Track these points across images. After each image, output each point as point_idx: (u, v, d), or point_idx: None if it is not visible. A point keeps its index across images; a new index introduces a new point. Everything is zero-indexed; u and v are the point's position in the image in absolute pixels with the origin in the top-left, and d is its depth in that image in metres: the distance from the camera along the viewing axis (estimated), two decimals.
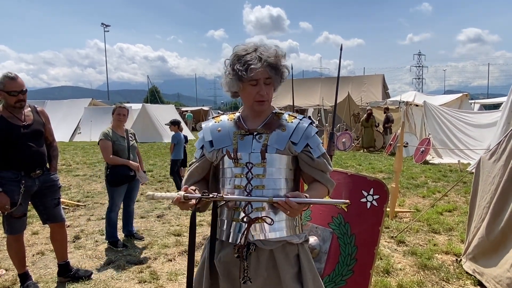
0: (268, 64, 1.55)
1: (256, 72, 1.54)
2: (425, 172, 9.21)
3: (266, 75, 1.57)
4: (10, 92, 3.04)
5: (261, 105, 1.64)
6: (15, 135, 3.09)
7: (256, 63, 1.53)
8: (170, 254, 4.13)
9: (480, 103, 21.47)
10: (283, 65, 1.62)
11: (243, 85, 1.61)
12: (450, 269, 3.64)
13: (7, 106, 3.12)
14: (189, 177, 1.75)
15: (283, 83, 1.70)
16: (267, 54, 1.56)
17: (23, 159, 3.12)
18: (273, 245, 1.62)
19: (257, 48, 1.58)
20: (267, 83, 1.60)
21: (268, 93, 1.62)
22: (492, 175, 3.18)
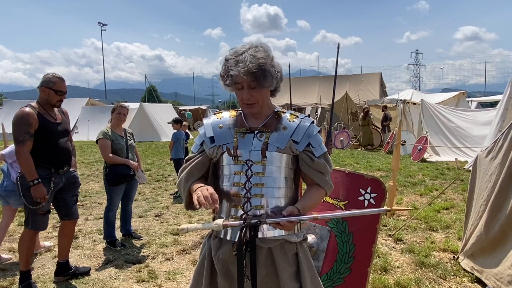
0: (247, 69, 1.51)
1: (236, 77, 1.55)
2: (423, 170, 9.24)
3: (249, 79, 1.54)
4: (57, 91, 3.21)
5: (249, 108, 1.64)
6: (51, 132, 3.21)
7: (235, 68, 1.53)
8: (168, 253, 4.13)
9: (478, 101, 21.53)
10: (267, 69, 1.54)
11: (233, 89, 1.63)
12: (447, 266, 3.66)
13: (44, 103, 3.23)
14: (190, 174, 1.72)
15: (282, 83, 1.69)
16: (250, 59, 1.52)
17: (56, 155, 3.24)
18: (272, 243, 1.62)
19: (245, 52, 1.55)
20: (252, 87, 1.58)
21: (254, 96, 1.60)
22: (489, 172, 3.19)
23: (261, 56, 1.55)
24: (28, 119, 3.07)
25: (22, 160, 3.05)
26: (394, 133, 13.44)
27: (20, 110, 3.13)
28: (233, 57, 1.57)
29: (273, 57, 1.62)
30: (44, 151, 3.16)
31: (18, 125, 3.06)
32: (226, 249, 1.65)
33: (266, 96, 1.66)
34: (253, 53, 1.55)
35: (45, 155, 3.16)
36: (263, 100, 1.65)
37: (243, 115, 1.74)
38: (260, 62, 1.54)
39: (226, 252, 1.65)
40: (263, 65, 1.54)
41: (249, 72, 1.52)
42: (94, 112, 20.22)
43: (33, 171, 3.06)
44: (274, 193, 1.63)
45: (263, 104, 1.67)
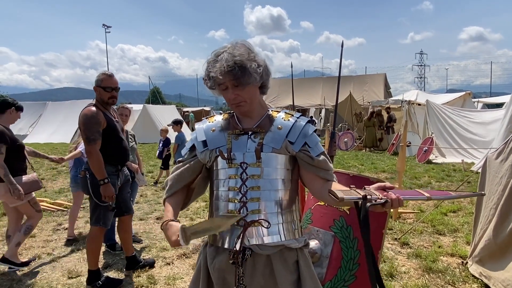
0: (225, 67, 1.45)
1: (216, 79, 1.48)
2: (429, 172, 9.10)
3: (228, 77, 1.47)
4: (106, 88, 3.25)
5: (238, 107, 1.57)
6: (115, 130, 3.30)
7: (213, 70, 1.47)
8: (168, 258, 4.04)
9: (483, 102, 21.28)
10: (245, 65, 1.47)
11: (219, 92, 1.56)
12: (456, 272, 3.54)
13: (100, 102, 3.29)
14: (179, 178, 1.66)
15: (283, 84, 1.61)
16: (227, 57, 1.46)
17: (120, 153, 3.35)
18: (271, 250, 1.53)
19: (224, 51, 1.49)
20: (235, 85, 1.50)
21: (240, 94, 1.52)
22: (500, 175, 3.07)
23: (238, 53, 1.47)
24: (98, 118, 3.13)
25: (94, 159, 3.09)
26: (399, 134, 13.31)
27: (87, 110, 3.16)
28: (212, 58, 1.51)
29: (254, 52, 1.54)
30: (111, 149, 3.22)
31: (89, 124, 3.09)
32: (222, 257, 1.56)
33: (254, 93, 1.57)
34: (231, 51, 1.48)
35: (112, 153, 3.24)
36: (250, 98, 1.56)
37: (236, 116, 1.66)
38: (236, 60, 1.46)
39: (223, 260, 1.56)
40: (239, 62, 1.46)
41: (226, 71, 1.45)
42: None
43: (103, 170, 3.11)
44: (271, 196, 1.54)
45: (252, 102, 1.58)
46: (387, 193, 1.28)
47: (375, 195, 1.27)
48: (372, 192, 1.30)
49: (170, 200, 1.63)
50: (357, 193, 1.29)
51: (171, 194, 1.64)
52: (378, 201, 1.26)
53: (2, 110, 3.68)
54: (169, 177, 1.69)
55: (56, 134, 20.64)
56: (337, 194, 1.27)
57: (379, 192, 1.30)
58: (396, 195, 1.28)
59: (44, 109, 22.60)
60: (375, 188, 1.33)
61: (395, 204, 1.27)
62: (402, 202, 1.28)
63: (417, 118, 13.27)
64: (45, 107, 22.74)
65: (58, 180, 9.01)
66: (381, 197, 1.26)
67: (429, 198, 1.35)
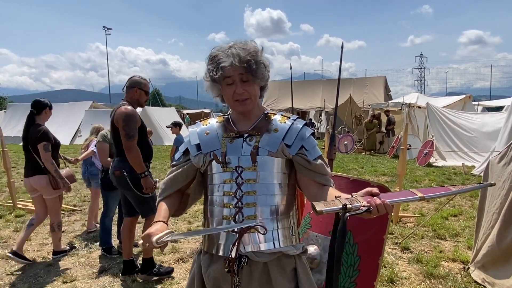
0: (239, 59, 1.42)
1: (226, 70, 1.43)
2: (429, 175, 9.05)
3: (239, 71, 1.44)
4: (147, 92, 3.55)
5: (242, 105, 1.51)
6: (145, 129, 3.53)
7: (226, 60, 1.43)
8: (165, 262, 3.98)
9: (483, 105, 21.23)
10: (259, 60, 1.47)
11: (222, 87, 1.50)
12: (457, 277, 3.47)
13: (134, 103, 3.47)
14: (173, 182, 1.61)
15: (283, 86, 1.56)
16: (239, 51, 1.44)
17: (148, 150, 3.53)
18: (267, 258, 1.47)
19: (232, 46, 1.47)
20: (244, 80, 1.47)
21: (247, 90, 1.48)
22: (502, 179, 3.02)
23: (252, 49, 1.46)
24: (136, 117, 3.32)
25: (134, 154, 3.22)
26: (399, 137, 13.26)
27: (126, 108, 3.31)
28: (220, 51, 1.47)
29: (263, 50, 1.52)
30: (141, 146, 3.34)
31: (130, 122, 3.24)
32: (217, 266, 1.50)
33: (257, 93, 1.54)
34: (243, 46, 1.46)
35: (142, 150, 3.34)
36: (255, 96, 1.53)
37: (231, 119, 1.61)
38: (252, 52, 1.45)
39: (218, 269, 1.50)
40: (253, 56, 1.45)
41: (239, 63, 1.42)
42: (98, 116, 20.17)
43: (142, 164, 3.27)
44: (267, 201, 1.49)
45: (255, 101, 1.54)
46: (371, 199, 1.21)
47: (358, 203, 1.20)
48: (357, 199, 1.23)
49: (162, 203, 1.58)
50: (339, 202, 1.22)
51: (163, 198, 1.59)
52: (361, 209, 1.18)
53: (39, 111, 4.02)
54: (163, 181, 1.64)
55: (56, 136, 20.49)
56: (316, 207, 1.20)
57: (364, 199, 1.22)
58: (381, 200, 1.20)
59: None
60: (362, 194, 1.26)
61: (380, 210, 1.19)
62: (389, 206, 1.20)
63: (417, 121, 13.22)
64: None
65: None
66: (364, 205, 1.19)
67: (422, 198, 1.25)
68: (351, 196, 1.26)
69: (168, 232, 1.35)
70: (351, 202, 1.21)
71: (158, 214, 1.50)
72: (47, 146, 3.85)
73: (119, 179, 3.39)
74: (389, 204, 1.21)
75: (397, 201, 1.27)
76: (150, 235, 1.34)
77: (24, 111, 23.49)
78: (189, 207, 1.70)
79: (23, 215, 5.85)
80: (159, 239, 1.31)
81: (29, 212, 5.99)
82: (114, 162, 3.48)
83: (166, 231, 1.36)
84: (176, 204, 1.62)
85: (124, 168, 3.32)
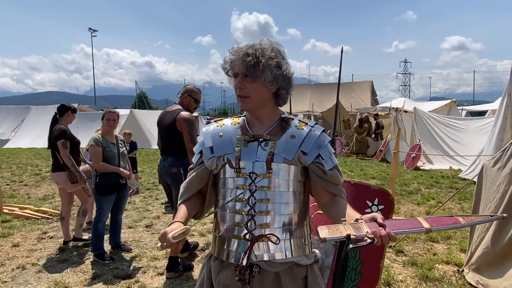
0: (245, 54, 1.41)
1: (234, 64, 1.45)
2: (417, 179, 9.17)
3: (243, 65, 1.42)
4: (197, 101, 3.90)
5: (242, 101, 1.49)
6: None
7: (236, 55, 1.44)
8: (160, 267, 3.91)
9: (467, 109, 21.73)
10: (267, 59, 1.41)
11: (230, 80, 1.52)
12: (452, 280, 3.52)
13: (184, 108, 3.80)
14: (189, 185, 1.58)
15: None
16: (253, 47, 1.43)
17: None
18: (279, 267, 1.44)
19: (253, 45, 1.45)
20: (246, 75, 1.44)
21: (246, 86, 1.45)
22: (497, 183, 3.07)
23: (263, 47, 1.44)
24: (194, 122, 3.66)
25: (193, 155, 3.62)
26: (387, 141, 13.43)
27: (188, 114, 3.66)
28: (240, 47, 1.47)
29: (282, 55, 1.49)
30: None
31: (193, 127, 3.59)
32: (228, 273, 1.47)
33: (261, 93, 1.48)
34: (259, 43, 1.46)
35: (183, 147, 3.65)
36: (257, 96, 1.47)
37: (246, 121, 1.58)
38: (258, 51, 1.42)
39: (228, 276, 1.46)
40: (260, 54, 1.42)
41: (241, 56, 1.42)
42: (83, 119, 19.80)
43: None
44: (281, 209, 1.46)
45: (258, 102, 1.49)
46: (376, 230, 1.19)
47: (362, 232, 1.18)
48: (362, 227, 1.21)
49: (182, 205, 1.55)
50: (344, 229, 1.20)
51: (182, 201, 1.57)
52: (365, 240, 1.17)
53: (62, 113, 4.45)
54: (182, 184, 1.62)
55: (40, 139, 20.13)
56: (320, 234, 1.19)
57: (369, 226, 1.21)
58: (387, 231, 1.18)
59: (27, 113, 22.05)
60: (368, 219, 1.24)
61: (385, 241, 1.18)
62: (393, 238, 1.18)
63: (405, 125, 13.42)
64: (28, 111, 22.19)
65: (42, 186, 8.74)
66: (368, 235, 1.17)
67: (429, 230, 1.22)
68: (356, 221, 1.24)
69: (183, 228, 1.34)
70: (356, 229, 1.20)
71: (176, 216, 1.48)
72: (65, 143, 4.25)
73: (175, 176, 3.63)
74: (394, 236, 1.19)
75: (403, 232, 1.24)
76: (165, 233, 1.32)
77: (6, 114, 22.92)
78: (208, 208, 1.65)
79: (10, 220, 5.68)
80: (175, 234, 1.30)
81: (15, 217, 5.83)
82: (168, 160, 3.70)
83: (182, 227, 1.35)
84: (198, 207, 1.59)
85: (181, 166, 3.60)
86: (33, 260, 4.15)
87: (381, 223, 1.21)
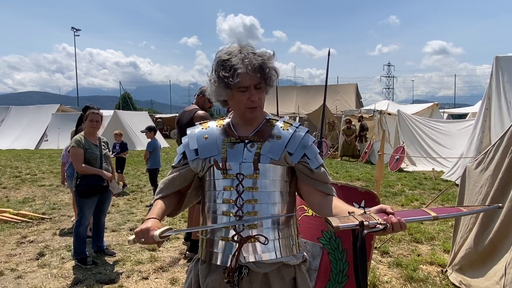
0: (255, 67, 1.39)
1: (243, 77, 1.39)
2: (401, 180, 9.31)
3: (255, 80, 1.41)
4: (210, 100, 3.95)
5: (253, 112, 1.48)
6: None
7: (242, 67, 1.38)
8: (144, 271, 3.84)
9: (448, 112, 22.25)
10: (272, 66, 1.45)
11: (232, 92, 1.44)
12: (436, 280, 3.57)
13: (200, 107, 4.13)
14: (170, 183, 1.55)
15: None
16: (253, 57, 1.40)
17: None
18: (268, 268, 1.44)
19: (242, 50, 1.42)
20: (258, 87, 1.44)
21: (260, 98, 1.46)
22: (479, 184, 3.13)
23: (268, 56, 1.44)
24: None
25: None
26: (372, 143, 13.60)
27: (203, 113, 3.97)
28: (232, 56, 1.41)
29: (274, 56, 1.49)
30: None
31: None
32: (216, 275, 1.46)
33: (264, 98, 1.51)
34: (259, 53, 1.44)
35: None
36: (263, 103, 1.51)
37: (232, 123, 1.57)
38: (266, 59, 1.43)
39: (217, 279, 1.45)
40: (268, 62, 1.43)
41: (257, 69, 1.40)
42: (65, 120, 19.42)
43: None
44: (269, 210, 1.45)
45: (263, 108, 1.53)
46: (387, 217, 1.18)
47: (374, 220, 1.18)
48: (372, 216, 1.20)
49: (159, 201, 1.52)
50: (354, 218, 1.19)
51: (160, 197, 1.54)
52: (378, 227, 1.16)
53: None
54: (162, 180, 1.59)
55: (20, 140, 19.65)
56: (332, 222, 1.17)
57: (379, 216, 1.20)
58: (397, 218, 1.18)
59: (7, 113, 21.48)
60: (375, 211, 1.24)
61: (396, 228, 1.17)
62: (404, 225, 1.18)
63: (388, 127, 13.61)
64: (8, 112, 21.61)
65: (22, 189, 8.51)
66: (380, 222, 1.17)
67: (436, 217, 1.24)
68: (364, 212, 1.23)
69: (167, 228, 1.33)
70: (366, 219, 1.18)
71: (152, 211, 1.45)
72: None
73: None
74: (404, 223, 1.18)
75: (412, 220, 1.24)
76: (148, 230, 1.31)
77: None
78: (183, 209, 1.65)
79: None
80: (162, 233, 1.29)
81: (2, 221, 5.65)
82: None
83: (166, 227, 1.33)
84: (173, 204, 1.58)
85: None
86: (12, 265, 4.02)
87: (390, 212, 1.21)
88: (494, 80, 6.76)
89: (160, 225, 1.35)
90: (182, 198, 1.61)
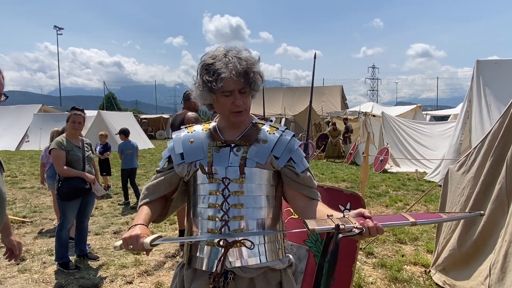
0: (240, 72, 1.38)
1: (227, 82, 1.38)
2: (385, 181, 9.43)
3: (240, 85, 1.40)
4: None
5: (238, 116, 1.47)
6: None
7: (225, 71, 1.36)
8: (128, 276, 3.78)
9: (431, 114, 22.66)
10: (257, 71, 1.44)
11: (216, 97, 1.43)
12: (420, 281, 3.62)
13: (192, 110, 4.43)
14: (155, 188, 1.54)
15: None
16: (238, 61, 1.39)
17: None
18: (254, 273, 1.43)
19: (227, 54, 1.41)
20: (242, 92, 1.43)
21: (244, 102, 1.45)
22: (462, 186, 3.19)
23: (252, 61, 1.43)
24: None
25: None
26: (357, 144, 13.75)
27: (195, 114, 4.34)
28: (216, 60, 1.40)
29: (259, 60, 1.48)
30: None
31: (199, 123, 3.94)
32: (201, 281, 1.44)
33: (250, 102, 1.51)
34: (243, 56, 1.42)
35: None
36: (249, 107, 1.50)
37: (217, 127, 1.56)
38: (250, 64, 1.41)
39: (202, 284, 1.44)
40: (255, 68, 1.43)
41: (241, 74, 1.38)
42: (47, 120, 19.02)
43: None
44: (255, 214, 1.44)
45: (249, 112, 1.52)
46: (364, 221, 1.20)
47: (351, 224, 1.20)
48: (349, 220, 1.22)
49: (144, 207, 1.50)
50: (331, 222, 1.21)
51: (145, 203, 1.51)
52: (354, 231, 1.18)
53: None
54: (146, 186, 1.56)
55: (0, 141, 19.13)
56: (309, 225, 1.20)
57: (357, 220, 1.22)
58: (374, 223, 1.20)
59: None
60: (354, 215, 1.26)
61: (372, 233, 1.19)
62: (381, 229, 1.20)
63: (373, 129, 13.79)
64: None
65: None
66: (357, 226, 1.19)
67: (414, 223, 1.26)
68: (343, 216, 1.25)
69: (157, 236, 1.31)
70: (343, 222, 1.20)
71: (138, 217, 1.43)
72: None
73: None
74: (381, 227, 1.21)
75: (389, 225, 1.26)
76: (138, 237, 1.28)
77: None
78: (169, 214, 1.63)
79: None
80: (153, 241, 1.27)
81: None
82: None
83: (156, 235, 1.31)
84: (159, 210, 1.55)
85: None
86: None
87: (368, 216, 1.23)
88: (475, 84, 6.93)
89: (149, 232, 1.33)
90: (168, 203, 1.59)
